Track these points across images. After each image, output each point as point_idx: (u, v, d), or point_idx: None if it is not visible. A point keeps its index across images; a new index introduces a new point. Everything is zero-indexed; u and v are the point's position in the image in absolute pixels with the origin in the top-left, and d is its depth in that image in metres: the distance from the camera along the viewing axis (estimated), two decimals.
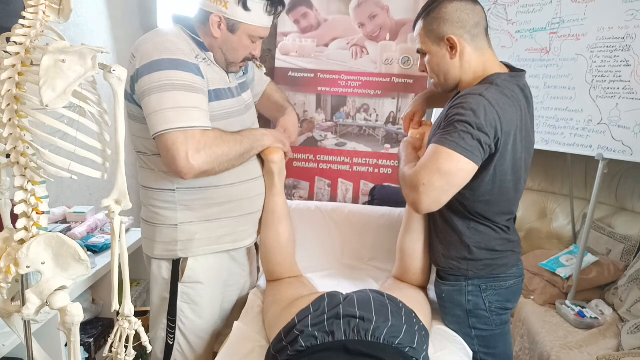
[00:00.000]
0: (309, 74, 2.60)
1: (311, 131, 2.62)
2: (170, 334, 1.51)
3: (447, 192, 1.23)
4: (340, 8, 2.59)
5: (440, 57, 1.31)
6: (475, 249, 1.37)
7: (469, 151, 1.18)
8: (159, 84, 1.24)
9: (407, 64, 2.56)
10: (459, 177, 1.20)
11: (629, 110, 1.92)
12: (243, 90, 1.59)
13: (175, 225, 1.43)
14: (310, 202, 2.22)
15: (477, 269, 1.38)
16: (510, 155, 1.27)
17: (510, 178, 1.31)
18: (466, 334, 1.43)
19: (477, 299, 1.39)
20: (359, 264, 1.94)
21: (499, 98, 1.22)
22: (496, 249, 1.38)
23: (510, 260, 1.40)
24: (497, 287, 1.39)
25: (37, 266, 0.88)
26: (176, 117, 1.23)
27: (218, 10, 1.34)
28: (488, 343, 1.43)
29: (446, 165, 1.18)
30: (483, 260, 1.37)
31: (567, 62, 2.14)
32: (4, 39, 0.90)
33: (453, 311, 1.45)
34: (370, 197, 2.54)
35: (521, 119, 1.28)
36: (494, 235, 1.37)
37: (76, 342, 0.95)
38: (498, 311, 1.41)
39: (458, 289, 1.41)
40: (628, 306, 1.99)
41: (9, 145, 0.85)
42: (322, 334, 1.20)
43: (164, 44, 1.30)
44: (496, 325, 1.42)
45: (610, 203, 2.52)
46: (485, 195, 1.31)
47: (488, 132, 1.19)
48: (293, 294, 1.50)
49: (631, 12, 1.94)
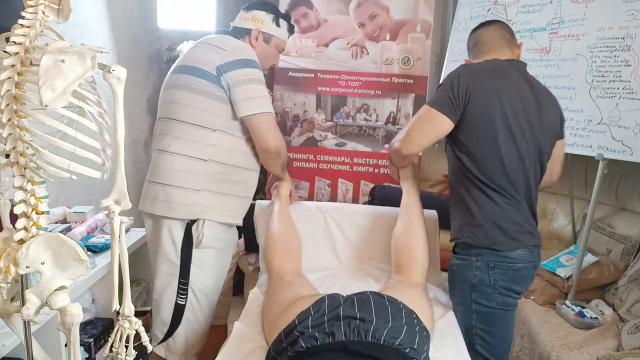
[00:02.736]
0: (309, 74, 2.61)
1: (311, 131, 2.62)
2: (182, 296, 1.66)
3: (425, 137, 1.50)
4: (340, 8, 2.60)
5: None
6: (477, 214, 1.47)
7: (440, 104, 1.45)
8: (253, 77, 1.59)
9: (407, 64, 2.56)
10: (432, 124, 1.47)
11: (629, 110, 1.92)
12: None
13: (198, 191, 1.61)
14: (310, 202, 2.22)
15: (478, 237, 1.47)
16: (492, 111, 1.43)
17: (501, 140, 1.44)
18: (467, 307, 1.51)
19: (484, 275, 1.47)
20: (359, 264, 1.94)
21: (477, 67, 1.51)
22: (499, 224, 1.46)
23: (516, 240, 1.46)
24: (504, 267, 1.46)
25: (37, 266, 0.88)
26: (268, 104, 1.62)
27: (256, 27, 1.75)
28: (486, 320, 1.49)
29: (423, 114, 1.49)
30: (484, 229, 1.46)
31: (567, 62, 2.14)
32: (3, 39, 0.90)
33: (459, 285, 1.53)
34: (370, 197, 2.54)
35: (518, 93, 1.47)
36: (495, 207, 1.47)
37: (76, 342, 0.94)
38: (502, 290, 1.46)
39: (468, 263, 1.49)
40: (628, 306, 1.99)
41: (8, 145, 0.85)
42: (323, 335, 1.20)
43: (249, 47, 1.67)
44: (497, 304, 1.47)
45: (610, 203, 2.51)
46: (470, 148, 1.47)
47: (455, 89, 1.44)
48: (293, 295, 1.50)
49: (631, 12, 1.94)
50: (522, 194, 1.49)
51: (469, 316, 1.51)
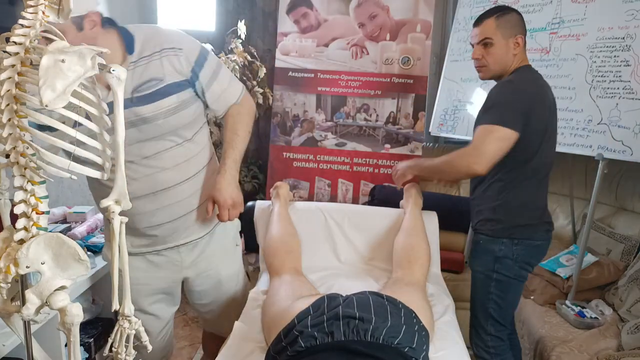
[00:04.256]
0: (309, 74, 2.60)
1: (311, 131, 2.62)
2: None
3: (497, 155, 1.55)
4: (340, 8, 2.60)
5: (505, 49, 1.63)
6: (497, 210, 1.65)
7: (501, 119, 1.53)
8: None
9: (407, 64, 2.56)
10: (505, 143, 1.53)
11: (629, 110, 1.92)
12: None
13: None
14: (310, 202, 2.21)
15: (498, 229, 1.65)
16: (537, 123, 1.56)
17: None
18: (488, 276, 1.69)
19: (508, 250, 1.65)
20: (359, 264, 1.94)
21: (525, 77, 1.62)
22: (526, 211, 1.64)
23: (540, 223, 1.67)
24: (527, 244, 1.65)
25: (37, 266, 0.88)
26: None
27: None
28: (503, 288, 1.68)
29: (496, 132, 1.53)
30: (502, 222, 1.65)
31: (567, 62, 2.14)
32: (3, 39, 0.90)
33: (484, 256, 1.70)
34: (370, 197, 2.54)
35: (548, 97, 1.62)
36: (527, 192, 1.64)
37: (76, 342, 0.94)
38: (522, 264, 1.66)
39: (494, 239, 1.67)
40: (628, 306, 1.99)
41: (8, 145, 0.85)
42: (322, 335, 1.20)
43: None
44: (514, 275, 1.66)
45: (610, 203, 2.51)
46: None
47: (519, 106, 1.53)
48: (292, 295, 1.50)
49: (631, 12, 1.94)
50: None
51: (488, 283, 1.68)
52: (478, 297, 1.74)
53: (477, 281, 1.75)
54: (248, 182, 2.82)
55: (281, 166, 2.59)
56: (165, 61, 1.31)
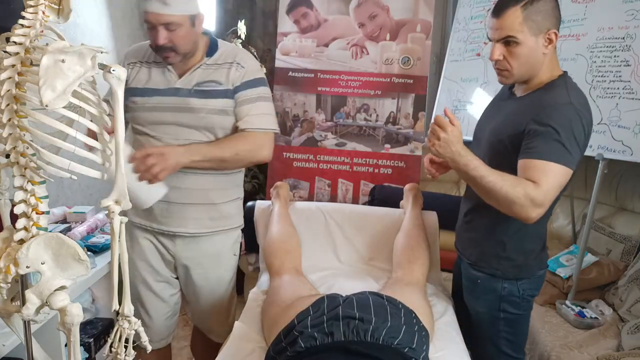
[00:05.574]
0: (309, 74, 2.60)
1: (311, 131, 2.62)
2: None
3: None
4: (340, 8, 2.59)
5: (533, 48, 1.29)
6: (508, 245, 1.41)
7: (572, 161, 1.24)
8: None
9: (407, 64, 2.56)
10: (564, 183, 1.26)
11: (629, 110, 1.92)
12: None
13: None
14: (310, 202, 2.21)
15: (506, 269, 1.43)
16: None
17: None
18: (494, 315, 1.46)
19: (512, 287, 1.43)
20: (359, 264, 1.94)
21: (582, 100, 1.30)
22: (528, 248, 1.41)
23: (543, 257, 1.47)
24: (531, 277, 1.44)
25: (37, 266, 0.88)
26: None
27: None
28: (514, 324, 1.48)
29: (563, 180, 1.23)
30: (514, 260, 1.42)
31: (567, 62, 2.13)
32: (3, 39, 0.90)
33: (485, 296, 1.47)
34: (370, 197, 2.53)
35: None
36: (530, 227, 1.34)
37: (76, 342, 0.94)
38: (528, 298, 1.46)
39: (495, 277, 1.44)
40: (628, 306, 1.99)
41: (8, 145, 0.85)
42: (322, 335, 1.20)
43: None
44: (524, 310, 1.47)
45: (610, 203, 2.51)
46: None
47: (584, 139, 1.27)
48: (292, 295, 1.50)
49: (631, 12, 1.94)
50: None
51: (496, 322, 1.47)
52: (486, 337, 1.51)
53: (482, 322, 1.52)
54: (248, 182, 2.81)
55: (281, 166, 2.59)
56: (229, 71, 1.53)
